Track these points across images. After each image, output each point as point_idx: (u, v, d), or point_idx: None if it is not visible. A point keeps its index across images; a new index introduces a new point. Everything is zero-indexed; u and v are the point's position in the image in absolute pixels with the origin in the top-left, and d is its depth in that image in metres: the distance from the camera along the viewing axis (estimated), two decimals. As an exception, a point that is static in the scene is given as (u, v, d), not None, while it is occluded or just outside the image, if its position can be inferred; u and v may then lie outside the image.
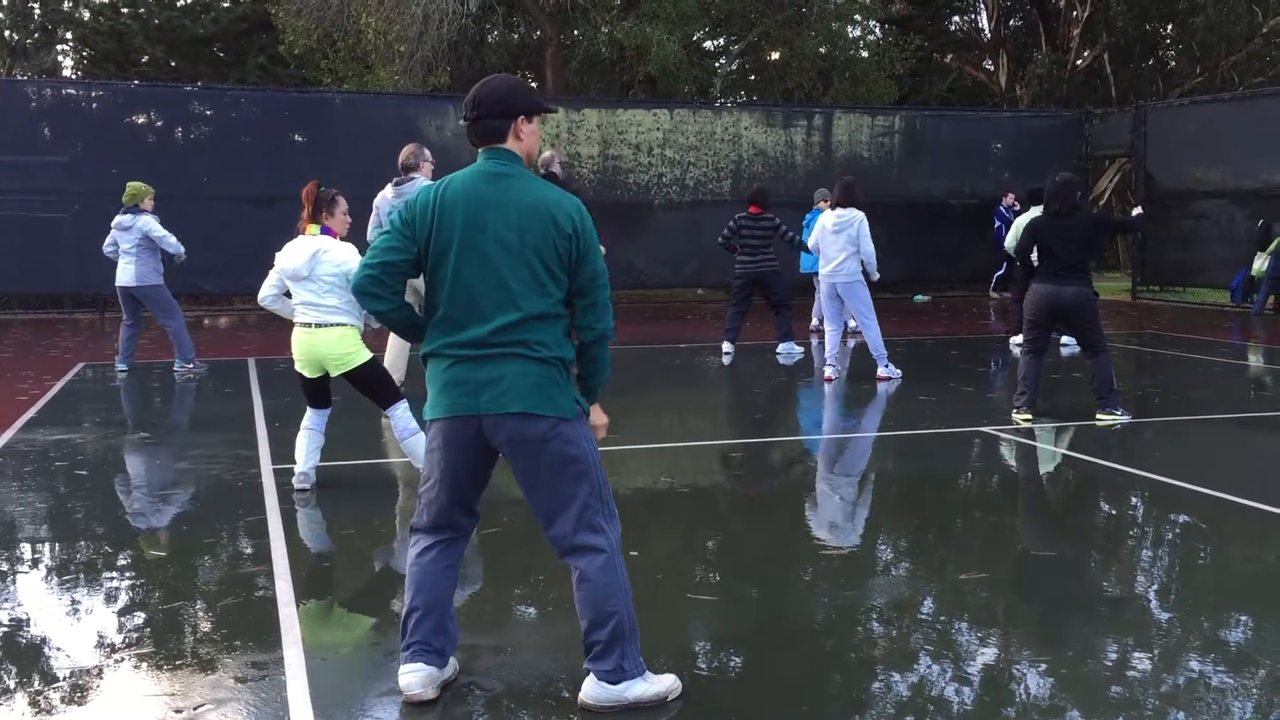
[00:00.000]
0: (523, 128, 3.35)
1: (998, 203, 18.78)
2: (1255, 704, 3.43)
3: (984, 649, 3.88)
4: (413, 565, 3.47)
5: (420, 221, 3.31)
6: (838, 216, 9.84)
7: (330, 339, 5.86)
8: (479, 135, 3.36)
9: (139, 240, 10.00)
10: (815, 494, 6.11)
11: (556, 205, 3.28)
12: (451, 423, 3.32)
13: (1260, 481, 6.25)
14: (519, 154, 3.37)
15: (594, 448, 3.37)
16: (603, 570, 3.30)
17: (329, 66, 22.06)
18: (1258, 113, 17.07)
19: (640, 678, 3.35)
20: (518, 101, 3.34)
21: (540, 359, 3.26)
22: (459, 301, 3.27)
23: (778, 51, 23.06)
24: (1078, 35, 26.83)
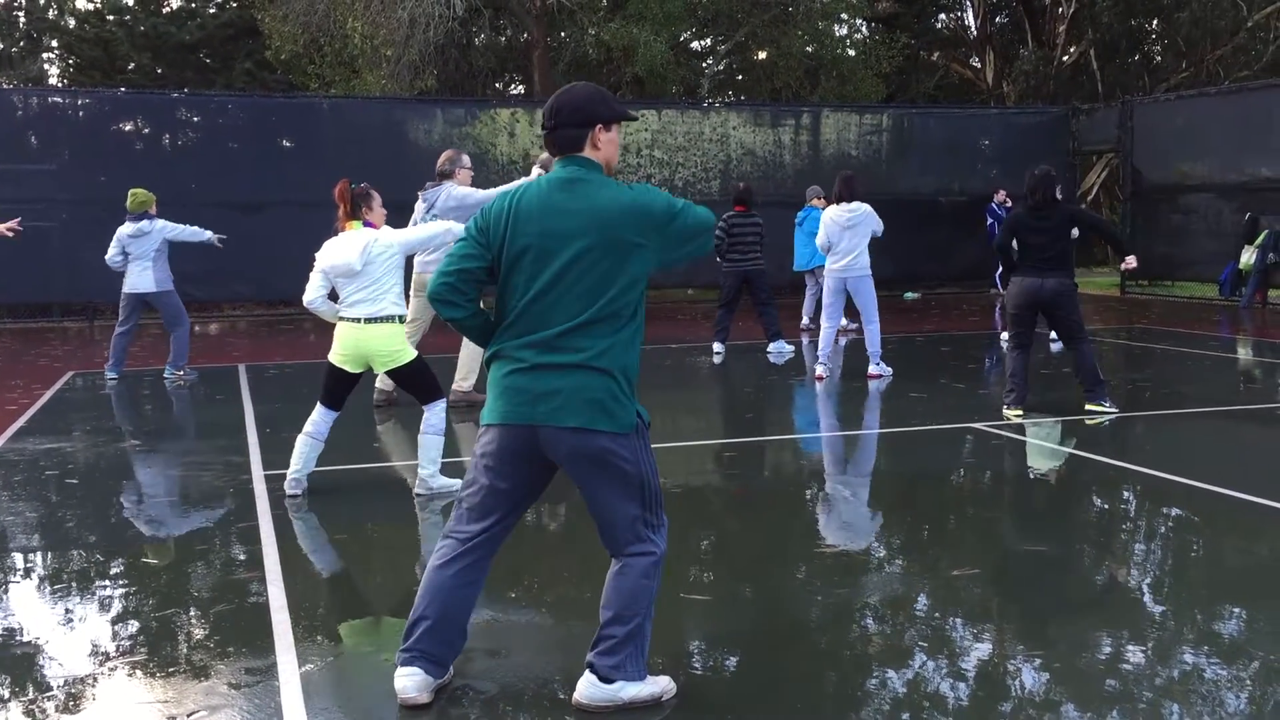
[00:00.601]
0: (600, 136, 3.37)
1: (988, 200, 18.84)
2: (1249, 696, 3.44)
3: (978, 645, 3.88)
4: (433, 573, 3.42)
5: (494, 229, 3.35)
6: (849, 211, 9.85)
7: (382, 335, 5.84)
8: (557, 144, 3.38)
9: (157, 246, 10.02)
10: (808, 493, 6.12)
11: (631, 205, 3.29)
12: (506, 430, 3.32)
13: (1250, 474, 6.27)
14: (597, 161, 3.38)
15: (649, 460, 3.38)
16: (644, 572, 3.34)
17: (316, 71, 22.03)
18: (1243, 107, 17.13)
19: (637, 681, 3.36)
20: (596, 110, 3.36)
21: (602, 370, 3.25)
22: (529, 309, 3.29)
23: (765, 51, 23.08)
24: (1063, 31, 26.90)
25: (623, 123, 3.45)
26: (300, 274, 6.00)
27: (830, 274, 10.06)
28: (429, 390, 6.01)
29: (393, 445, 7.43)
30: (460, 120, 17.35)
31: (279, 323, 15.93)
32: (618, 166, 3.75)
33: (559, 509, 5.83)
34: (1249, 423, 7.83)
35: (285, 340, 13.61)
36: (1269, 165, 16.28)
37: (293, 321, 16.32)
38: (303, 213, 16.21)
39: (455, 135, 17.23)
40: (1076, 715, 3.32)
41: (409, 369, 5.94)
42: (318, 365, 11.39)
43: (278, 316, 16.83)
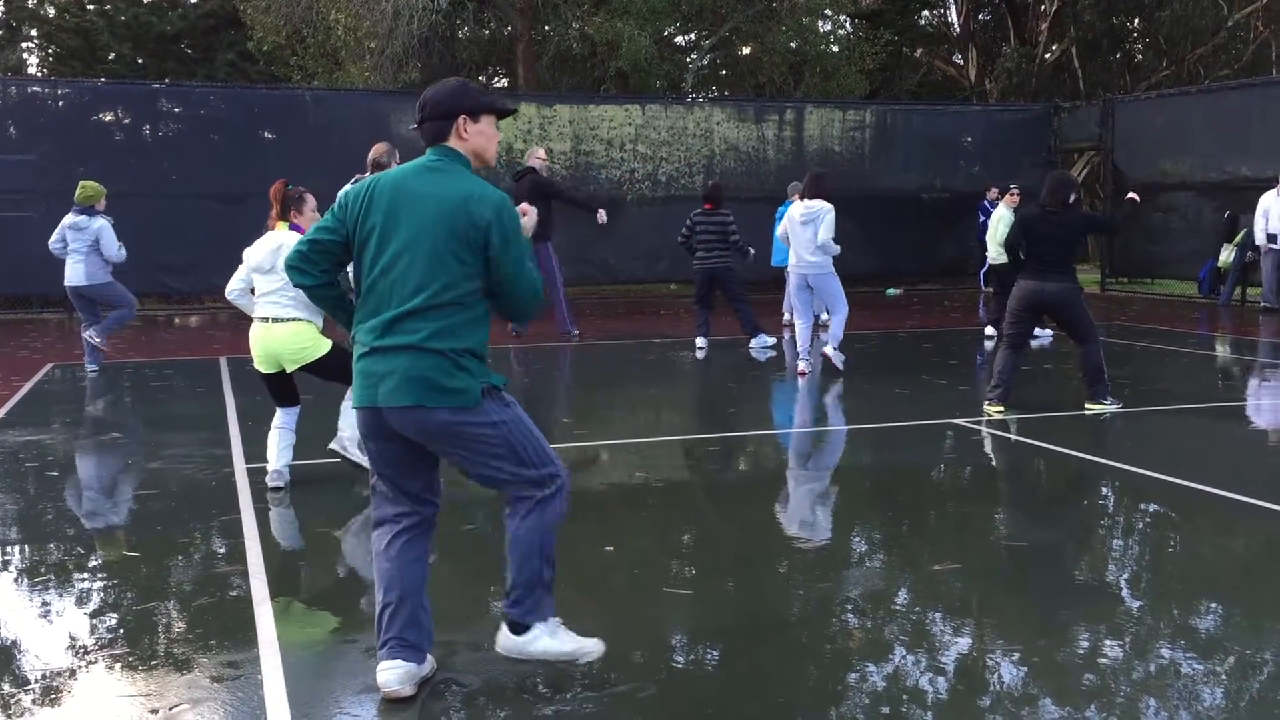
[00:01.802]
0: (466, 127, 3.41)
1: (971, 197, 18.93)
2: (1225, 690, 3.47)
3: (958, 639, 3.91)
4: (379, 559, 3.49)
5: (351, 208, 3.43)
6: (806, 208, 9.86)
7: (284, 334, 5.90)
8: (425, 136, 3.46)
9: (91, 241, 9.97)
10: (790, 488, 6.14)
11: (474, 198, 3.32)
12: (361, 413, 3.41)
13: (1228, 470, 6.32)
14: (461, 152, 3.44)
15: (511, 418, 3.36)
16: (529, 521, 3.40)
17: (298, 63, 21.92)
18: (1223, 106, 17.24)
19: (547, 633, 3.44)
20: (460, 102, 3.42)
21: (433, 350, 3.28)
22: (374, 290, 3.37)
23: (749, 46, 23.10)
24: (1046, 29, 27.00)
25: (497, 116, 3.49)
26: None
27: (791, 271, 10.11)
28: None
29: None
30: (444, 113, 17.28)
31: (260, 315, 15.86)
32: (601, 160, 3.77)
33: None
34: (1227, 419, 7.89)
35: (267, 333, 13.54)
36: (1249, 164, 16.39)
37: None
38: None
39: (438, 128, 17.18)
40: (1055, 709, 3.35)
41: (324, 364, 5.97)
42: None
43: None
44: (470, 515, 5.58)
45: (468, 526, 5.35)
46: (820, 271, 9.89)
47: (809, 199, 9.90)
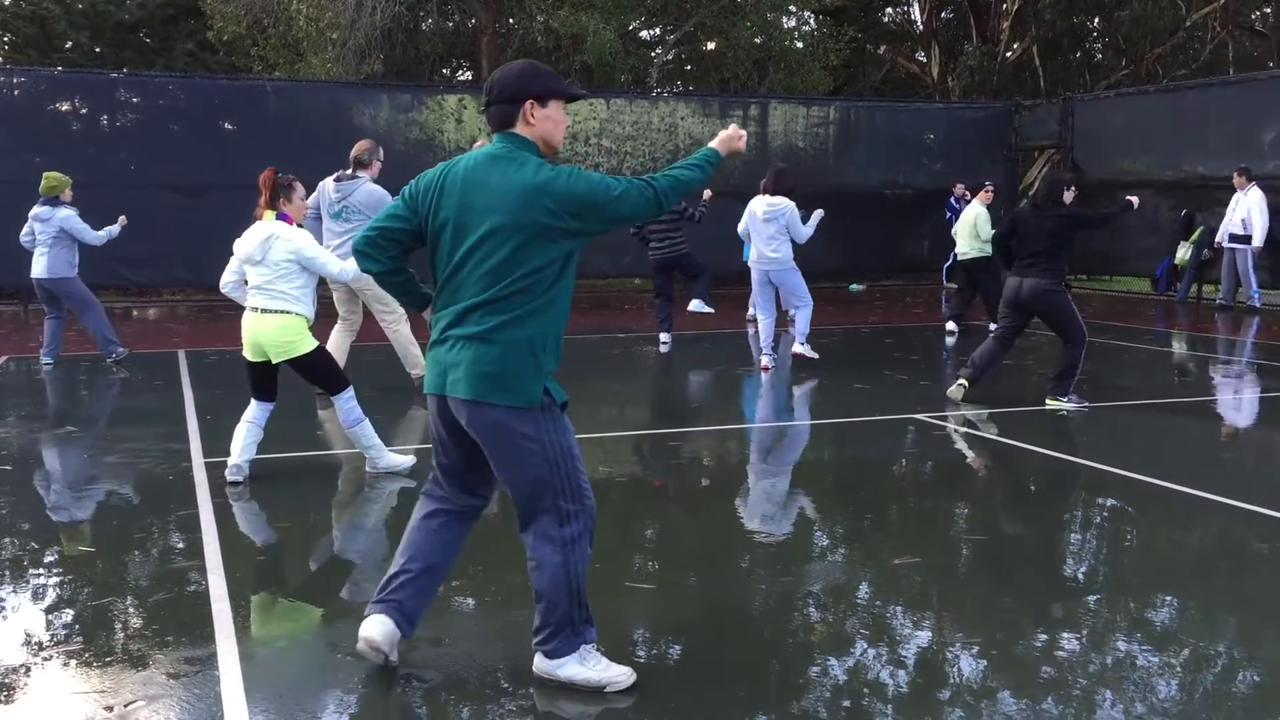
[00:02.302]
0: (534, 112, 3.33)
1: (934, 193, 19.09)
2: (1180, 682, 3.52)
3: (918, 633, 3.94)
4: (416, 526, 3.55)
5: (423, 197, 3.41)
6: (769, 204, 9.85)
7: (272, 325, 5.87)
8: (491, 120, 3.39)
9: (55, 233, 9.83)
10: (752, 482, 6.15)
11: (542, 186, 3.24)
12: (430, 399, 3.44)
13: (1184, 465, 6.41)
14: (528, 138, 3.35)
15: (558, 440, 3.33)
16: (555, 559, 3.36)
17: (259, 54, 21.70)
18: (1181, 105, 17.46)
19: (579, 662, 3.41)
20: (528, 86, 3.34)
21: (499, 342, 3.24)
22: (447, 282, 3.36)
23: (714, 41, 23.12)
24: (1007, 28, 27.21)
25: (565, 101, 3.40)
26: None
27: (753, 266, 10.10)
28: (331, 381, 6.05)
29: (335, 432, 7.37)
30: (407, 106, 17.19)
31: (220, 308, 15.69)
32: (565, 154, 3.77)
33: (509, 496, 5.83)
34: (1183, 415, 7.99)
35: (227, 326, 13.41)
36: (1205, 163, 16.61)
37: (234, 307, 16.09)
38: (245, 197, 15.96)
39: (401, 121, 17.10)
40: (1013, 702, 3.38)
41: (307, 361, 5.94)
42: (260, 352, 11.26)
43: (219, 302, 16.57)
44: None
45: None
46: (782, 268, 9.89)
47: (771, 195, 9.89)
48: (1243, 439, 7.34)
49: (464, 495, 3.57)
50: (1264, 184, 15.07)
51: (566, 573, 3.36)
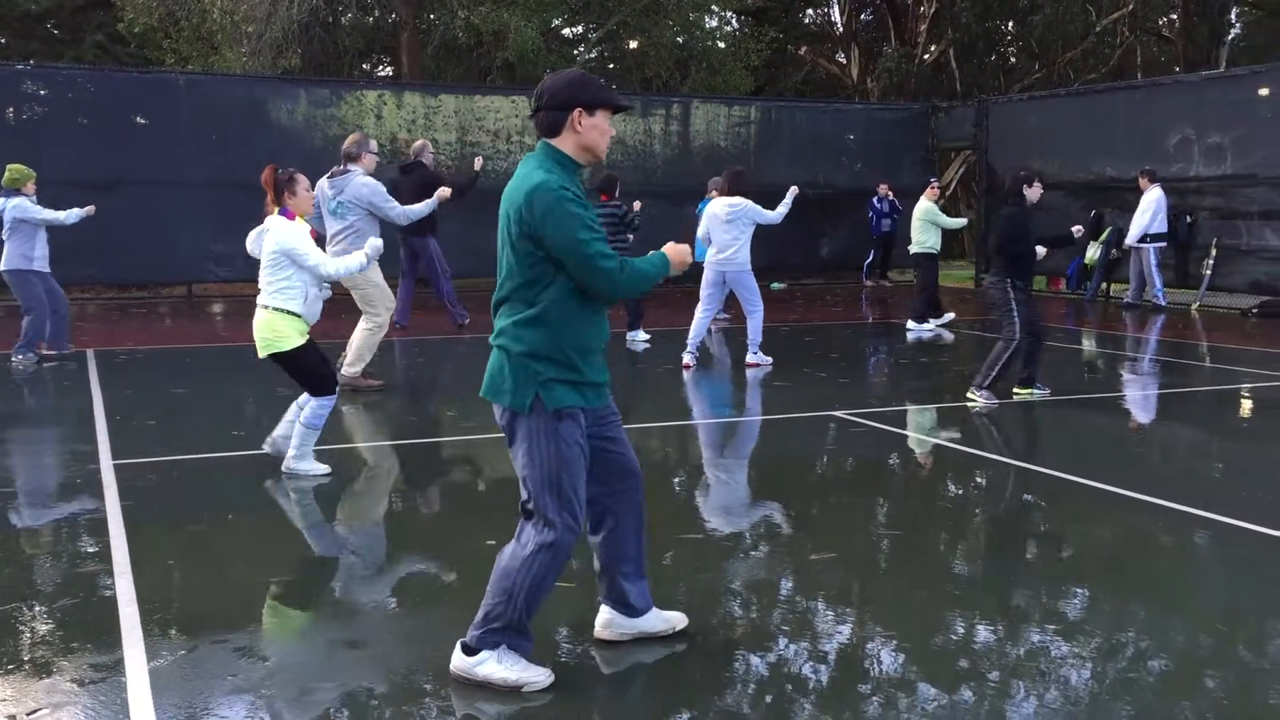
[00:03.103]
0: (581, 120, 3.37)
1: (854, 193, 19.36)
2: (1091, 672, 3.59)
3: (838, 627, 3.97)
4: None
5: None
6: (729, 206, 9.96)
7: (260, 321, 5.99)
8: (539, 126, 3.43)
9: (9, 224, 9.72)
10: (672, 480, 6.16)
11: (521, 190, 3.31)
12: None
13: (1092, 460, 6.56)
14: (559, 147, 3.39)
15: (547, 449, 3.35)
16: (519, 557, 3.39)
17: (172, 46, 21.24)
18: (1091, 108, 17.88)
19: (494, 658, 3.40)
20: (577, 95, 3.38)
21: (500, 348, 3.40)
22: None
23: (636, 40, 23.15)
24: (925, 30, 27.66)
25: (612, 111, 3.45)
26: (154, 254, 5.72)
27: (709, 266, 10.16)
28: (314, 382, 6.04)
29: (253, 433, 7.22)
30: (325, 101, 16.94)
31: (131, 306, 15.33)
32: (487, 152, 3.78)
33: (430, 496, 5.76)
34: (1092, 411, 8.18)
35: (137, 324, 13.11)
36: (1113, 165, 17.04)
37: (145, 305, 15.73)
38: (157, 192, 15.64)
39: (320, 116, 16.84)
40: (931, 693, 3.42)
41: (289, 357, 5.98)
42: (172, 350, 11.02)
43: (130, 300, 16.19)
44: (358, 512, 5.48)
45: (345, 523, 5.25)
46: (740, 269, 10.03)
47: (731, 196, 10.01)
48: (1147, 434, 7.54)
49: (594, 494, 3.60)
50: (1167, 186, 15.51)
51: (514, 572, 3.38)
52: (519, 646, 3.42)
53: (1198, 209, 15.83)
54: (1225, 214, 15.55)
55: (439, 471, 6.29)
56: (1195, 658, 3.69)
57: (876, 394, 8.76)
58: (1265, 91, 15.01)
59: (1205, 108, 15.74)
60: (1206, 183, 15.73)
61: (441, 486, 6.00)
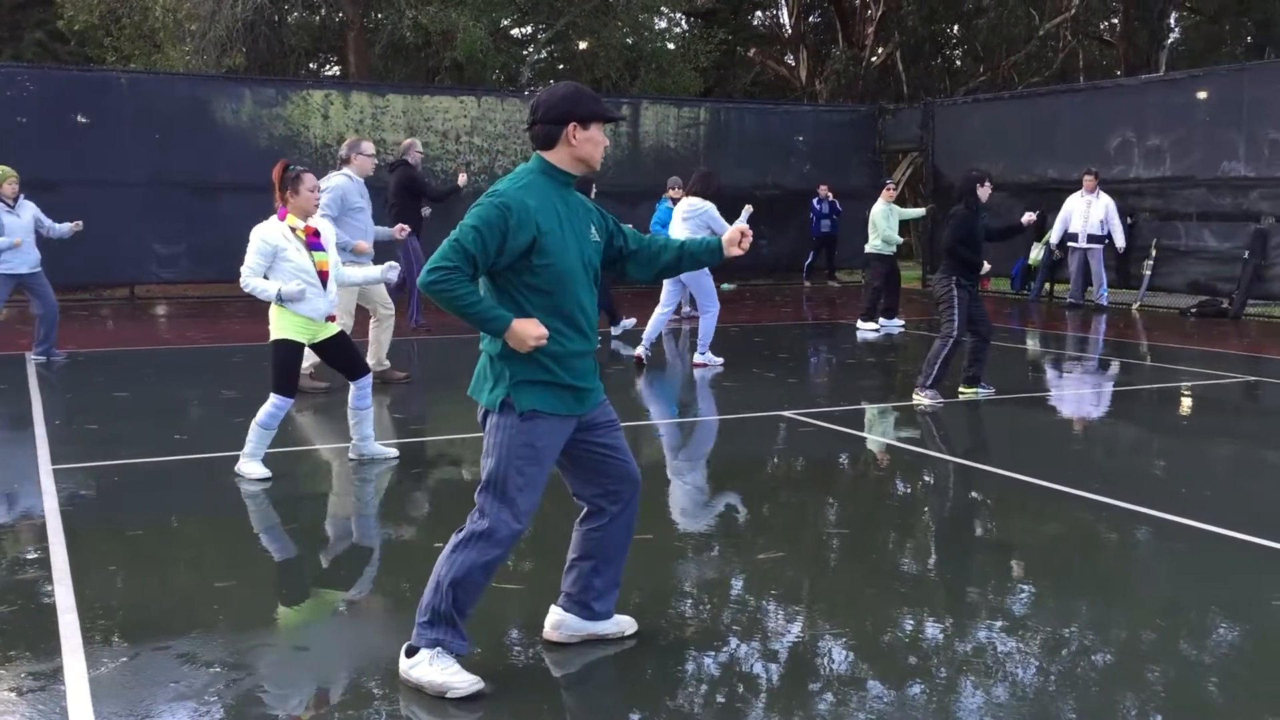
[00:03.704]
0: (576, 134, 3.43)
1: (801, 194, 19.48)
2: (1036, 668, 3.64)
3: (787, 625, 3.99)
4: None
5: None
6: (689, 206, 10.13)
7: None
8: (533, 139, 3.49)
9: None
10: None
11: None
12: None
13: (1036, 458, 6.64)
14: (550, 161, 3.46)
15: (507, 446, 3.41)
16: (454, 544, 3.43)
17: (113, 44, 20.91)
18: (1034, 111, 18.13)
19: (426, 661, 3.38)
20: (572, 109, 3.43)
21: (485, 350, 3.51)
22: None
23: (585, 41, 23.14)
24: (872, 33, 27.89)
25: (605, 123, 3.49)
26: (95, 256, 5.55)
27: None
28: (276, 379, 6.05)
29: (195, 438, 7.12)
30: (270, 101, 16.74)
31: (71, 308, 15.05)
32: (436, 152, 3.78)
33: (378, 498, 5.71)
34: (1036, 409, 8.29)
35: (78, 327, 12.88)
36: (1055, 166, 17.29)
37: (87, 307, 15.46)
38: (98, 192, 15.37)
39: (265, 116, 16.65)
40: (880, 690, 3.44)
41: (271, 348, 6.12)
42: (113, 353, 10.84)
43: (70, 302, 15.89)
44: (294, 515, 5.42)
45: (291, 525, 5.19)
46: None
47: (691, 196, 10.13)
48: (1090, 432, 7.65)
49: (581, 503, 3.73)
50: (1109, 187, 15.77)
51: (443, 559, 3.42)
52: (453, 647, 3.40)
53: (1138, 210, 16.10)
54: (1164, 215, 15.83)
55: (388, 473, 6.23)
56: (1137, 651, 3.75)
57: (825, 394, 8.82)
58: (1203, 95, 15.30)
59: (1145, 111, 16.02)
60: (1146, 184, 16.01)
61: (391, 488, 5.95)
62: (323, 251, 6.14)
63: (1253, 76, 14.86)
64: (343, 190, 8.67)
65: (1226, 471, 6.39)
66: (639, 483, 3.72)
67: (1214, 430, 7.57)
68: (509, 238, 3.30)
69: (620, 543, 3.73)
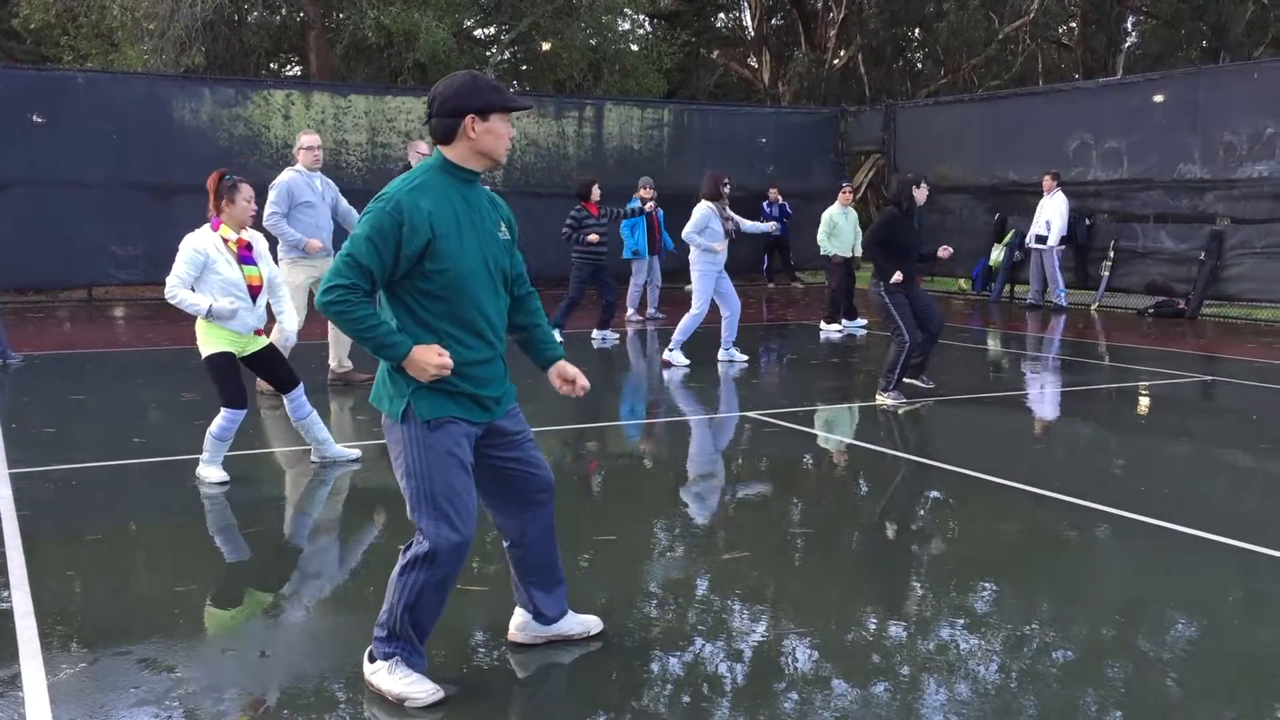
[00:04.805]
0: (474, 126, 3.27)
1: (763, 196, 19.54)
2: (999, 665, 3.67)
3: (752, 625, 4.00)
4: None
5: None
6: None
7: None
8: (432, 133, 3.34)
9: None
10: (587, 482, 6.15)
11: None
12: None
13: (997, 458, 6.70)
14: (448, 157, 3.31)
15: (417, 458, 3.25)
16: (400, 567, 3.34)
17: (70, 43, 20.65)
18: (995, 113, 18.30)
19: (386, 669, 3.36)
20: (468, 100, 3.26)
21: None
22: None
23: (549, 42, 23.11)
24: (834, 36, 28.05)
25: (507, 113, 3.31)
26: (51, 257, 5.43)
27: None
28: (221, 397, 5.98)
29: (156, 441, 7.04)
30: (230, 100, 16.59)
31: (27, 310, 14.84)
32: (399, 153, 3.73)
33: (339, 501, 5.68)
34: (997, 409, 8.36)
35: (35, 329, 12.70)
36: (1016, 169, 17.46)
37: (43, 309, 15.25)
38: (54, 193, 15.17)
39: (225, 116, 16.49)
40: (844, 689, 3.46)
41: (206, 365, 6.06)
42: (71, 356, 10.70)
43: (26, 304, 15.67)
44: (257, 518, 5.38)
45: (253, 529, 5.14)
46: (692, 266, 10.39)
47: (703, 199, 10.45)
48: (1050, 431, 7.73)
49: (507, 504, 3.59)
50: (1067, 189, 15.95)
51: (393, 584, 3.36)
52: (411, 662, 3.37)
53: (1096, 212, 16.29)
54: (1122, 217, 16.03)
55: (350, 475, 6.19)
56: (1096, 648, 3.79)
57: (789, 395, 8.85)
58: (1160, 98, 15.50)
59: (1103, 114, 16.21)
60: (1104, 186, 16.20)
61: (352, 491, 5.91)
62: (254, 266, 5.98)
63: (1208, 80, 15.08)
64: (288, 185, 8.63)
65: (1183, 470, 6.48)
66: (552, 487, 3.62)
67: (1171, 429, 7.67)
68: (403, 244, 3.13)
69: (543, 549, 3.65)
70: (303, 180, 8.68)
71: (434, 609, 3.35)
